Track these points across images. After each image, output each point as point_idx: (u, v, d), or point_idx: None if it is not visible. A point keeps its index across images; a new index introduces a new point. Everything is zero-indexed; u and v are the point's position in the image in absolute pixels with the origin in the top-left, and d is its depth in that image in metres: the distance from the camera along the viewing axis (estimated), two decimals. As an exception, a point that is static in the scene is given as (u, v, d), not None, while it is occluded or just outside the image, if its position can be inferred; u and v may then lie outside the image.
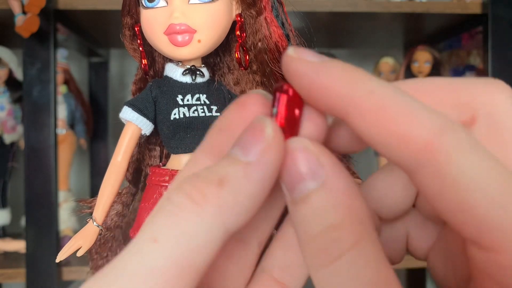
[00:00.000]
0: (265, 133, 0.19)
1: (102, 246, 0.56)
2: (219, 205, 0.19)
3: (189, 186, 0.19)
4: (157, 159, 0.56)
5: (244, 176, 0.19)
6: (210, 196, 0.19)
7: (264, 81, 0.54)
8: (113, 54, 1.35)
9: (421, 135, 0.18)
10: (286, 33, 0.53)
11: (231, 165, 0.19)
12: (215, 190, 0.19)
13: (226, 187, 0.19)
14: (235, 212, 0.19)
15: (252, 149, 0.19)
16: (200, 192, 0.19)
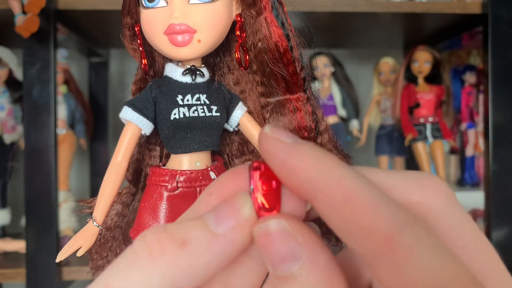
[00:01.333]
0: (241, 212, 0.20)
1: (102, 246, 0.56)
2: (175, 265, 0.19)
3: (153, 237, 0.19)
4: (157, 159, 0.56)
5: (207, 245, 0.19)
6: (168, 253, 0.19)
7: (264, 81, 0.53)
8: (113, 54, 1.35)
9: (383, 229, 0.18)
10: (286, 33, 0.52)
11: (199, 229, 0.20)
12: (174, 249, 0.19)
13: (186, 249, 0.19)
14: (188, 276, 0.19)
15: (224, 222, 0.20)
16: (161, 247, 0.19)
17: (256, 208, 0.20)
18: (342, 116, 1.17)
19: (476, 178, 1.34)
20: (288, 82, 0.53)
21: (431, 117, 1.11)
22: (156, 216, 0.50)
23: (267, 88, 0.53)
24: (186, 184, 0.51)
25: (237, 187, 0.21)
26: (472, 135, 1.31)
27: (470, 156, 1.33)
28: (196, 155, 0.52)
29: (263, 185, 0.21)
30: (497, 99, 0.99)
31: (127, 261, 0.19)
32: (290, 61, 0.52)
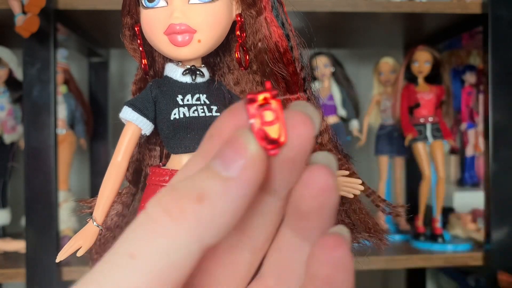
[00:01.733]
0: (247, 149, 0.19)
1: (102, 246, 0.56)
2: (197, 221, 0.19)
3: (167, 200, 0.19)
4: (157, 159, 0.56)
5: (223, 192, 0.19)
6: (188, 211, 0.19)
7: (264, 81, 0.53)
8: (113, 54, 1.35)
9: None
10: (286, 33, 0.52)
11: (211, 179, 0.19)
12: (193, 206, 0.19)
13: (205, 203, 0.19)
14: (212, 228, 0.19)
15: (233, 164, 0.19)
16: (178, 207, 0.19)
17: (260, 141, 0.20)
18: (342, 116, 1.17)
19: (476, 178, 1.34)
20: (288, 82, 0.53)
21: (431, 117, 1.11)
22: None
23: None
24: (186, 184, 0.51)
25: (238, 125, 0.21)
26: (472, 135, 1.31)
27: (470, 156, 1.33)
28: None
29: (262, 117, 0.20)
30: (497, 99, 0.99)
31: (147, 228, 0.19)
32: (290, 61, 0.52)
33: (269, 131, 0.20)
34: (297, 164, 0.21)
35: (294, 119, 0.20)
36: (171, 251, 0.18)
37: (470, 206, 1.22)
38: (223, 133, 0.21)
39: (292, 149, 0.20)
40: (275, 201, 0.22)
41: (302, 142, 0.20)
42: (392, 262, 1.02)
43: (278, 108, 0.20)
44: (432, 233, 1.10)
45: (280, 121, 0.20)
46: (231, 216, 0.19)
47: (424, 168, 1.11)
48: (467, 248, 1.06)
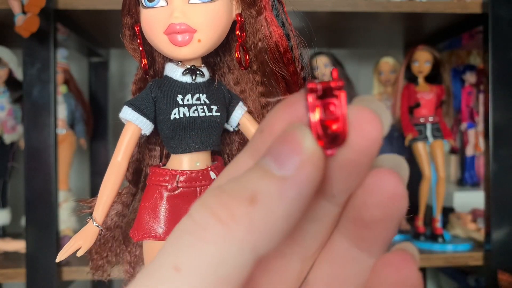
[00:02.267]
0: (303, 145, 0.17)
1: (102, 246, 0.56)
2: (250, 226, 0.16)
3: (215, 202, 0.17)
4: (157, 159, 0.56)
5: (278, 194, 0.17)
6: (239, 215, 0.16)
7: (264, 81, 0.53)
8: (113, 54, 1.35)
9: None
10: (286, 33, 0.52)
11: (264, 179, 0.17)
12: (245, 209, 0.16)
13: (258, 206, 0.17)
14: (267, 234, 0.17)
15: (288, 162, 0.17)
16: (228, 210, 0.16)
17: (316, 138, 0.18)
18: (342, 116, 1.17)
19: (476, 178, 1.34)
20: (288, 82, 0.53)
21: (431, 117, 1.11)
22: (156, 216, 0.50)
23: (267, 88, 0.53)
24: (186, 184, 0.51)
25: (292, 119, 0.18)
26: (472, 135, 1.31)
27: (470, 156, 1.33)
28: (196, 155, 0.52)
29: (322, 110, 0.18)
30: (497, 99, 0.99)
31: (193, 235, 0.16)
32: (290, 61, 0.52)
33: (328, 127, 0.18)
34: (360, 168, 0.18)
35: (359, 116, 0.18)
36: (221, 262, 0.16)
37: (470, 206, 1.22)
38: (275, 128, 0.18)
39: (355, 150, 0.18)
40: (332, 207, 0.20)
41: (367, 143, 0.18)
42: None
43: (342, 101, 0.18)
44: (432, 233, 1.10)
45: (342, 117, 0.18)
46: (287, 220, 0.17)
47: (424, 168, 1.10)
48: (467, 248, 1.06)
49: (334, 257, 0.21)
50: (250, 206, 0.16)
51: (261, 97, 0.54)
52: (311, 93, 0.18)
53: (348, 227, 0.20)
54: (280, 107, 0.19)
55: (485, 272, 1.02)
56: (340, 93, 0.18)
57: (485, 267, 1.02)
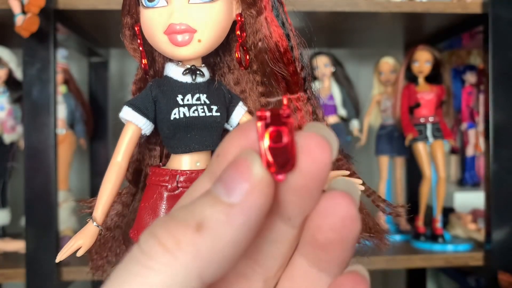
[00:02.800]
0: (252, 171, 0.17)
1: (102, 246, 0.56)
2: (195, 254, 0.16)
3: (162, 230, 0.17)
4: (157, 159, 0.56)
5: (226, 221, 0.17)
6: (185, 243, 0.16)
7: (264, 81, 0.53)
8: (113, 54, 1.35)
9: None
10: (287, 33, 0.52)
11: (212, 206, 0.17)
12: (191, 236, 0.17)
13: (204, 233, 0.17)
14: (213, 262, 0.17)
15: (236, 189, 0.17)
16: (174, 237, 0.17)
17: (265, 164, 0.18)
18: (342, 116, 1.17)
19: (477, 178, 1.34)
20: (289, 82, 0.53)
21: (432, 117, 1.11)
22: (156, 216, 0.50)
23: (268, 88, 0.53)
24: (186, 184, 0.51)
25: (246, 145, 0.18)
26: (473, 135, 1.31)
27: (471, 156, 1.33)
28: (196, 155, 0.52)
29: (270, 137, 0.18)
30: (498, 99, 0.99)
31: (139, 264, 0.16)
32: (290, 61, 0.52)
33: (277, 154, 0.18)
34: (311, 191, 0.19)
35: (308, 142, 0.18)
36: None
37: (471, 206, 1.22)
38: (230, 154, 0.19)
39: (305, 175, 0.18)
40: (290, 229, 0.20)
41: (317, 168, 0.18)
42: (393, 262, 1.02)
43: (290, 128, 0.18)
44: (433, 233, 1.10)
45: (290, 143, 0.18)
46: (234, 247, 0.17)
47: (425, 168, 1.10)
48: (468, 248, 1.06)
49: (295, 277, 0.21)
50: (196, 233, 0.17)
51: (261, 97, 0.54)
52: (260, 121, 0.18)
53: (305, 249, 0.20)
54: (235, 132, 0.19)
55: (485, 273, 1.02)
56: (289, 120, 0.18)
57: (485, 267, 1.02)
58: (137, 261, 0.17)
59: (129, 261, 0.17)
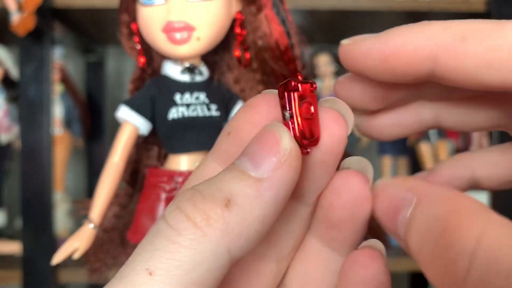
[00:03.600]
0: (281, 145, 0.17)
1: (99, 248, 0.56)
2: (225, 230, 0.16)
3: (190, 205, 0.16)
4: (155, 159, 0.56)
5: (255, 196, 0.17)
6: (215, 218, 0.16)
7: (264, 80, 0.53)
8: (110, 53, 1.34)
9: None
10: (287, 31, 0.52)
11: (240, 181, 0.17)
12: (221, 212, 0.16)
13: (234, 209, 0.16)
14: (242, 237, 0.17)
15: (264, 163, 0.17)
16: (204, 213, 0.16)
17: (296, 137, 0.18)
18: (343, 115, 1.17)
19: (479, 178, 1.33)
20: None
21: (434, 117, 1.10)
22: (154, 218, 0.50)
23: (268, 87, 0.53)
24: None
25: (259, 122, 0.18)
26: (476, 135, 1.30)
27: (473, 156, 1.32)
28: (194, 155, 0.52)
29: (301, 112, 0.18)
30: (500, 98, 0.98)
31: (166, 239, 0.16)
32: (291, 59, 0.52)
33: (304, 127, 0.18)
34: (328, 167, 0.19)
35: (326, 117, 0.18)
36: (195, 266, 0.16)
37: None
38: (242, 131, 0.19)
39: (323, 149, 0.18)
40: (303, 207, 0.20)
41: (334, 142, 0.18)
42: (395, 265, 1.01)
43: (315, 101, 0.18)
44: (434, 234, 1.10)
45: (317, 116, 0.18)
46: (263, 222, 0.17)
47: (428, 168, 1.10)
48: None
49: (307, 258, 0.21)
50: (226, 209, 0.16)
51: (261, 96, 0.53)
52: (293, 92, 0.18)
53: (318, 228, 0.21)
54: (244, 109, 0.19)
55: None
56: (314, 94, 0.18)
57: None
58: (165, 236, 0.16)
59: (155, 236, 0.16)
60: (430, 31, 0.18)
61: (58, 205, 1.00)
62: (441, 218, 0.16)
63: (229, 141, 0.19)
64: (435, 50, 0.18)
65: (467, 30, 0.17)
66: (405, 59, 0.18)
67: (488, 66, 0.17)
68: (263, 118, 0.18)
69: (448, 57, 0.17)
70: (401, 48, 0.18)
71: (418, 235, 0.17)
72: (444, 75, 0.18)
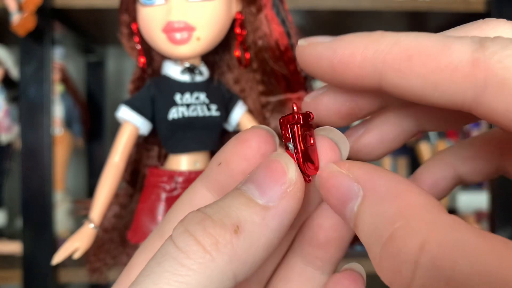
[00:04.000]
0: (287, 176, 0.18)
1: (99, 248, 0.56)
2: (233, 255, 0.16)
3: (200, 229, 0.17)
4: (155, 159, 0.56)
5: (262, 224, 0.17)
6: (223, 244, 0.16)
7: (264, 80, 0.53)
8: (111, 53, 1.34)
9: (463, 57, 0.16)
10: (287, 31, 0.52)
11: (248, 208, 0.17)
12: (230, 238, 0.17)
13: (242, 235, 0.17)
14: (248, 263, 0.17)
15: (271, 192, 0.17)
16: (213, 238, 0.16)
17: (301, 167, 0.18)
18: (343, 115, 1.17)
19: (479, 178, 1.33)
20: (289, 81, 0.53)
21: (434, 116, 1.10)
22: (154, 218, 0.50)
23: (268, 87, 0.53)
24: (184, 185, 0.50)
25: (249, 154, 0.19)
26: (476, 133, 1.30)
27: (473, 156, 1.32)
28: (195, 155, 0.52)
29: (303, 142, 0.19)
30: (500, 98, 0.98)
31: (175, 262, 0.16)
32: (291, 59, 0.52)
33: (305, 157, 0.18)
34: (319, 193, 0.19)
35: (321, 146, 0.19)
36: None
37: (474, 207, 1.21)
38: (233, 163, 0.19)
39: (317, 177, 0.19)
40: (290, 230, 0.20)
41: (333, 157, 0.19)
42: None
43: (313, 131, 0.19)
44: (435, 234, 1.10)
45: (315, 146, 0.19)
46: (268, 248, 0.17)
47: (427, 168, 1.10)
48: (470, 249, 1.05)
49: (290, 277, 0.21)
50: (234, 235, 0.17)
51: (261, 96, 0.53)
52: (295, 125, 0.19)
53: (302, 247, 0.21)
54: (235, 141, 0.19)
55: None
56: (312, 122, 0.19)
57: (488, 269, 1.01)
58: (173, 259, 0.16)
59: (163, 257, 0.16)
60: (379, 46, 0.18)
61: (58, 205, 0.99)
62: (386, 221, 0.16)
63: (220, 172, 0.19)
64: (381, 66, 0.18)
65: (414, 48, 0.17)
66: (352, 70, 0.19)
67: (432, 86, 0.17)
68: (254, 153, 0.19)
69: (394, 74, 0.18)
70: (349, 60, 0.18)
71: (365, 233, 0.17)
72: (391, 89, 0.18)
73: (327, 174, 0.18)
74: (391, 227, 0.16)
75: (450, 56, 0.16)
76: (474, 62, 0.16)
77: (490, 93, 0.16)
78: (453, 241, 0.14)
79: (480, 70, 0.16)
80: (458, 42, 0.17)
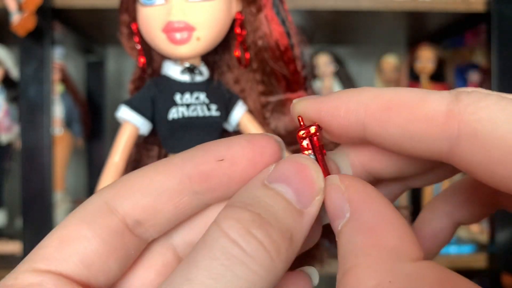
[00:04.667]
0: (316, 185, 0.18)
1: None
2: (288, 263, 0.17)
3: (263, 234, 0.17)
4: (155, 159, 0.56)
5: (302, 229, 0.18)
6: (283, 252, 0.17)
7: (264, 80, 0.53)
8: (110, 53, 1.34)
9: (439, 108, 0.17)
10: (287, 31, 0.52)
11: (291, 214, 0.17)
12: (288, 246, 0.17)
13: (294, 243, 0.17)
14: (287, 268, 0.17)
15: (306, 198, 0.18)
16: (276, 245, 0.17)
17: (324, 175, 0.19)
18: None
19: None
20: (289, 81, 0.53)
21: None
22: None
23: (268, 87, 0.53)
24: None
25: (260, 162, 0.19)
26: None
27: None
28: None
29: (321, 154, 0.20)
30: (501, 98, 0.98)
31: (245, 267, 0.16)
32: (291, 60, 0.52)
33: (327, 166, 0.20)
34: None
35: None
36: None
37: (473, 207, 1.21)
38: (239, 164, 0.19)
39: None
40: None
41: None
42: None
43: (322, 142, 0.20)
44: (435, 235, 1.10)
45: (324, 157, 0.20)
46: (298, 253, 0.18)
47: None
48: (471, 250, 1.06)
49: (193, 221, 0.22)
50: (290, 242, 0.17)
51: (261, 96, 0.53)
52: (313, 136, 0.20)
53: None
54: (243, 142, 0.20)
55: (488, 275, 1.02)
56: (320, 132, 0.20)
57: (489, 270, 1.01)
58: (242, 263, 0.16)
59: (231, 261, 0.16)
60: (361, 98, 0.19)
61: (58, 205, 0.99)
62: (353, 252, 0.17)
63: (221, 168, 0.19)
64: (363, 116, 0.19)
65: (393, 99, 0.18)
66: (337, 121, 0.19)
67: (410, 136, 0.18)
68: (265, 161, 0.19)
69: (375, 124, 0.18)
70: (334, 111, 0.19)
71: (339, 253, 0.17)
72: (374, 139, 0.19)
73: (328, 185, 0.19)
74: (354, 261, 0.16)
75: (427, 107, 0.17)
76: (448, 113, 0.17)
77: (463, 145, 0.16)
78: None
79: (454, 121, 0.16)
80: (436, 95, 0.17)
